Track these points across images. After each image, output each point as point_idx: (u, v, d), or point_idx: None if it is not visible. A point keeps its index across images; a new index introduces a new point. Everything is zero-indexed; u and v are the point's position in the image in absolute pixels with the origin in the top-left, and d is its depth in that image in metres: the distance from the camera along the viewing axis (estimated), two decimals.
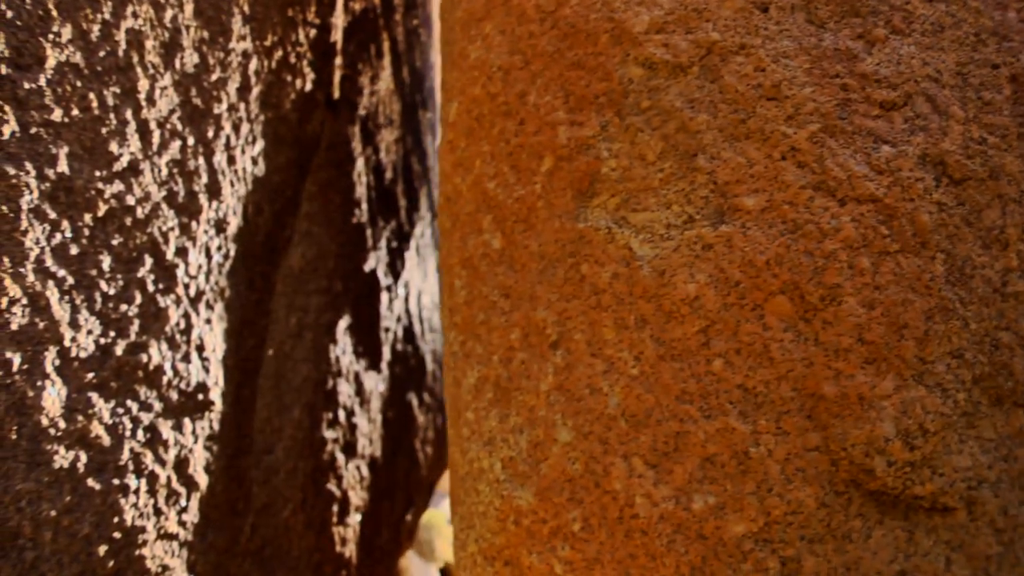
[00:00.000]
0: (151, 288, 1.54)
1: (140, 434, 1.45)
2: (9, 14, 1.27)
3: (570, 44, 1.11)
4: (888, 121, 1.07)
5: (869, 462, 0.92)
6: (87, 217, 1.40)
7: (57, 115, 1.36)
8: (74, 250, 1.36)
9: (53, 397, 1.28)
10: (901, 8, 1.14)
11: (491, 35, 1.22)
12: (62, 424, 1.29)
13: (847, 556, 0.91)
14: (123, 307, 1.45)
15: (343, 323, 2.53)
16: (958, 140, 1.08)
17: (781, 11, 1.09)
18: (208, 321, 1.73)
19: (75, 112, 1.40)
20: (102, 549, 1.33)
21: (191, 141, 1.77)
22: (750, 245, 0.96)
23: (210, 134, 1.86)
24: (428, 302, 3.67)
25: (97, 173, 1.43)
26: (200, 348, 1.68)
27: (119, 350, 1.43)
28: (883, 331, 0.95)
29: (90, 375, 1.36)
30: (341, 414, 2.39)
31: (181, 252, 1.66)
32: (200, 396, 1.66)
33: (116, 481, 1.37)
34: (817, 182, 1.00)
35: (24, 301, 1.25)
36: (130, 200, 1.51)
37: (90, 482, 1.32)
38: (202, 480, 1.63)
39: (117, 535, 1.36)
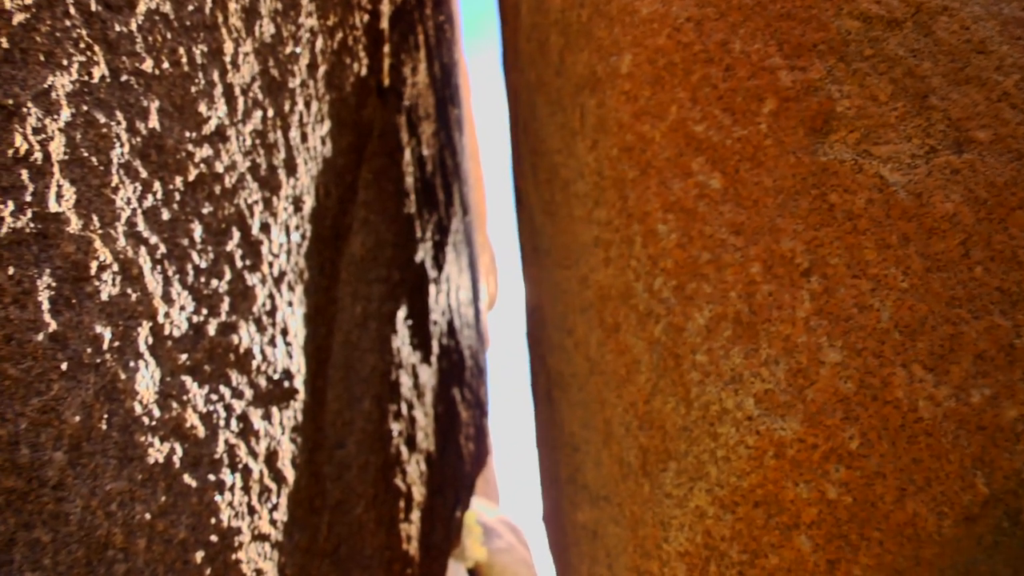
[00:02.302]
0: (239, 264, 1.31)
1: (234, 424, 1.22)
2: None
3: None
4: None
5: None
6: (178, 180, 1.17)
7: (148, 65, 1.13)
8: (166, 215, 1.13)
9: (147, 380, 1.05)
10: None
11: None
12: (156, 412, 1.06)
13: None
14: (214, 282, 1.23)
15: (401, 313, 2.31)
16: None
17: None
18: (290, 304, 1.51)
19: (165, 65, 1.18)
20: (199, 555, 1.09)
21: (271, 113, 1.55)
22: (989, 169, 1.05)
23: (286, 108, 1.64)
24: (464, 297, 3.46)
25: (187, 134, 1.21)
26: (284, 332, 1.45)
27: (211, 330, 1.20)
28: None
29: (183, 356, 1.13)
30: (404, 407, 2.16)
31: (265, 228, 1.44)
32: (286, 384, 1.43)
33: (212, 477, 1.14)
34: None
35: (115, 268, 1.02)
36: (219, 167, 1.29)
37: (186, 478, 1.09)
38: (290, 475, 1.40)
39: (214, 538, 1.13)
